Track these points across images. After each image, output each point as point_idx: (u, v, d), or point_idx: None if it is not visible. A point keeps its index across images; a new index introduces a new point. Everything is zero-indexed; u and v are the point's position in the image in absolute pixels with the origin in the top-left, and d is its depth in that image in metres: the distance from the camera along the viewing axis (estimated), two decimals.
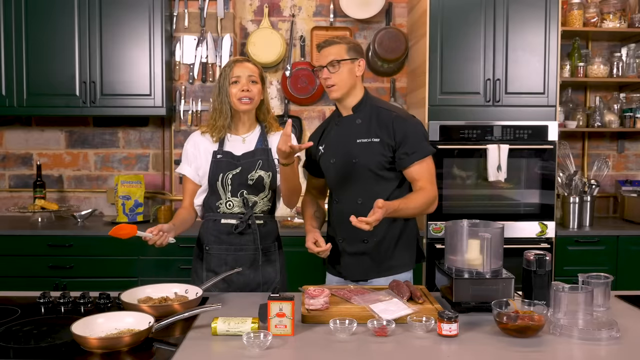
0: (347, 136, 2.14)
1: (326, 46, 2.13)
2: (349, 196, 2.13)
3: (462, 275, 1.69)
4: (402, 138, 2.06)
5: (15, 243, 3.25)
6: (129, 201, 3.48)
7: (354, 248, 2.13)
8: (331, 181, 2.21)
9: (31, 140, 3.85)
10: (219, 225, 2.10)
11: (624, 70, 3.63)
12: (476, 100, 3.30)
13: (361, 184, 2.10)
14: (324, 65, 2.09)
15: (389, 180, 2.11)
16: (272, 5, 3.85)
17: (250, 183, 2.07)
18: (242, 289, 2.08)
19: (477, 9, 3.27)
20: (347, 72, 2.09)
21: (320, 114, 3.88)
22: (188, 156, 2.17)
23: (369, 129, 2.10)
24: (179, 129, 3.66)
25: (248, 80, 2.09)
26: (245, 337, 1.43)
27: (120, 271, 3.23)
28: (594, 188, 3.53)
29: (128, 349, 1.45)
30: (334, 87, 2.09)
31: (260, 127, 2.19)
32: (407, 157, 2.06)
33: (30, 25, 3.38)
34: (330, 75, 2.08)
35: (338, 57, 2.08)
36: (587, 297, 1.62)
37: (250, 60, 2.18)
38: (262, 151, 2.13)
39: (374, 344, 1.48)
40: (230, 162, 2.09)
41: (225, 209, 2.10)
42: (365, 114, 2.13)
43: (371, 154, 2.08)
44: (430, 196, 2.05)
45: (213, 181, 2.09)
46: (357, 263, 2.14)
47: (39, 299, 1.83)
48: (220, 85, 2.12)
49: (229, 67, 2.12)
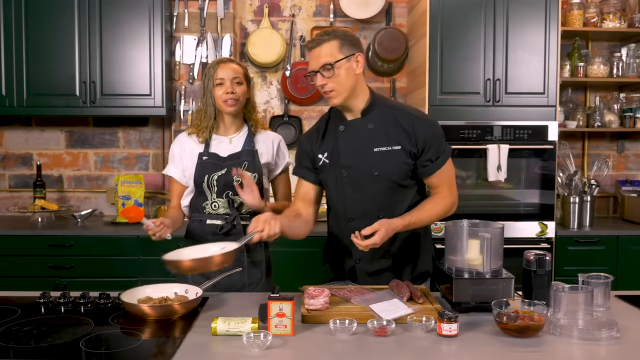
0: (360, 144, 1.90)
1: (315, 46, 1.82)
2: (367, 211, 1.90)
3: (462, 275, 1.69)
4: (425, 143, 1.87)
5: (15, 243, 3.25)
6: (129, 201, 3.48)
7: (374, 266, 1.97)
8: (341, 195, 1.94)
9: (31, 140, 3.84)
10: (205, 226, 2.11)
11: (624, 70, 3.63)
12: (476, 100, 3.30)
13: (381, 196, 1.89)
14: (316, 70, 1.82)
15: (410, 188, 1.94)
16: (272, 5, 3.85)
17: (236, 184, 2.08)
18: (227, 289, 2.03)
19: (477, 9, 3.27)
20: (345, 73, 1.81)
21: (320, 114, 3.84)
22: (174, 158, 2.19)
23: (387, 135, 1.87)
24: (179, 129, 3.66)
25: (232, 82, 2.08)
26: (245, 337, 1.43)
27: (120, 271, 3.23)
28: (594, 188, 3.53)
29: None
30: (332, 93, 1.83)
31: (247, 127, 2.20)
32: (432, 164, 1.89)
33: (30, 25, 3.38)
34: (326, 80, 1.81)
35: (331, 59, 1.80)
36: (587, 297, 1.62)
37: (234, 61, 2.16)
38: (248, 152, 2.13)
39: (374, 344, 1.48)
40: (216, 164, 2.09)
41: (211, 209, 2.11)
42: (378, 117, 1.89)
43: (393, 164, 1.87)
44: (449, 203, 1.93)
45: (199, 182, 2.10)
46: (376, 282, 1.95)
47: (39, 299, 1.83)
48: (205, 86, 2.11)
49: (212, 68, 2.10)
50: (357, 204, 1.93)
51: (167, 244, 1.95)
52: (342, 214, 1.97)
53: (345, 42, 1.82)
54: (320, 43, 1.82)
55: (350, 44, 1.84)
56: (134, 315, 1.67)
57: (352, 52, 1.83)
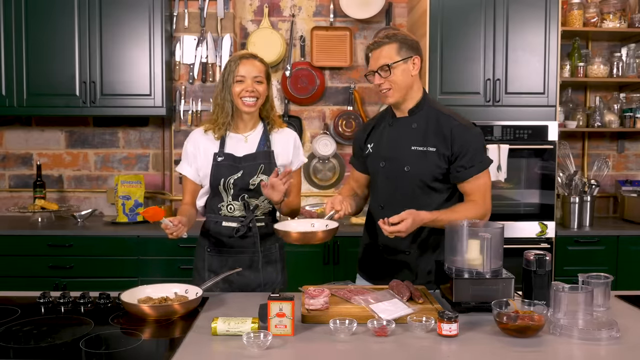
0: (400, 140, 2.00)
1: (376, 48, 1.96)
2: (394, 204, 1.96)
3: (462, 275, 1.69)
4: (460, 149, 1.92)
5: (15, 243, 3.25)
6: (129, 201, 3.48)
7: (393, 258, 2.04)
8: (378, 184, 2.07)
9: (31, 140, 3.85)
10: (221, 228, 2.10)
11: (624, 70, 3.63)
12: (476, 100, 3.30)
13: (409, 193, 1.97)
14: (375, 70, 1.95)
15: (439, 192, 1.99)
16: (272, 5, 3.85)
17: (252, 188, 2.06)
18: (243, 289, 2.07)
19: (477, 9, 3.27)
20: (401, 73, 1.93)
21: (320, 114, 3.88)
22: (188, 156, 2.14)
23: (425, 136, 1.96)
24: (179, 129, 3.66)
25: (253, 80, 2.02)
26: (245, 337, 1.43)
27: (120, 271, 3.23)
28: (594, 188, 3.53)
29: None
30: (389, 92, 1.95)
31: (263, 125, 2.15)
32: (465, 171, 1.93)
33: (30, 25, 3.38)
34: (383, 80, 1.94)
35: (389, 60, 1.92)
36: (587, 297, 1.62)
37: (257, 57, 2.07)
38: (264, 154, 2.09)
39: (374, 344, 1.48)
40: (232, 166, 2.06)
41: (227, 211, 2.09)
42: (423, 118, 1.99)
43: (425, 164, 1.95)
44: (480, 211, 1.93)
45: (215, 184, 2.07)
46: (394, 272, 2.01)
47: (39, 299, 1.83)
48: (225, 80, 2.04)
49: (234, 63, 2.03)
50: (387, 195, 2.04)
51: (167, 244, 1.95)
52: (375, 200, 2.11)
53: (404, 46, 1.94)
54: (380, 45, 1.95)
55: (409, 47, 1.95)
56: (134, 315, 1.67)
57: (410, 54, 1.95)
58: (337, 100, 3.88)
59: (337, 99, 3.88)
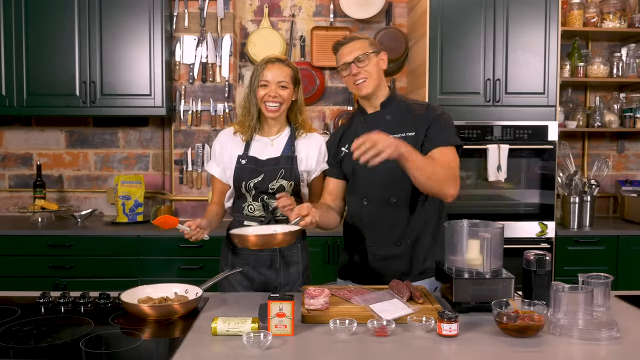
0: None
1: (347, 42, 2.05)
2: (381, 195, 2.02)
3: (462, 275, 1.69)
4: (429, 122, 1.99)
5: (15, 243, 3.25)
6: (129, 201, 3.48)
7: (384, 251, 2.04)
8: (360, 182, 2.08)
9: (31, 140, 3.85)
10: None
11: (624, 70, 3.63)
12: (476, 100, 3.30)
13: (395, 181, 1.99)
14: (350, 62, 2.01)
15: None
16: (272, 5, 3.85)
17: (271, 192, 2.07)
18: (265, 288, 2.10)
19: (477, 9, 3.27)
20: (375, 65, 2.03)
21: (320, 114, 3.88)
22: (216, 155, 2.17)
23: (402, 124, 2.02)
24: (179, 129, 3.66)
25: (277, 85, 2.03)
26: (245, 337, 1.43)
27: (120, 271, 3.23)
28: (594, 188, 3.53)
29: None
30: (365, 82, 2.01)
31: (290, 129, 2.15)
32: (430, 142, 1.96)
33: (30, 25, 3.38)
34: (360, 69, 2.00)
35: (364, 51, 2.01)
36: (587, 297, 1.62)
37: (285, 61, 2.08)
38: (287, 159, 2.09)
39: (374, 344, 1.48)
40: (254, 169, 2.07)
41: (248, 211, 2.11)
42: (394, 109, 2.06)
43: None
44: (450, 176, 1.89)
45: (237, 186, 2.10)
46: (386, 267, 2.03)
47: (39, 299, 1.83)
48: (251, 83, 2.07)
49: (261, 67, 2.05)
50: (371, 188, 2.04)
51: (167, 244, 1.96)
52: (358, 197, 2.09)
53: (372, 43, 2.08)
54: (352, 40, 2.06)
55: (375, 45, 2.09)
56: (134, 315, 1.67)
57: (378, 50, 2.07)
58: (337, 100, 3.89)
59: (337, 99, 3.89)
